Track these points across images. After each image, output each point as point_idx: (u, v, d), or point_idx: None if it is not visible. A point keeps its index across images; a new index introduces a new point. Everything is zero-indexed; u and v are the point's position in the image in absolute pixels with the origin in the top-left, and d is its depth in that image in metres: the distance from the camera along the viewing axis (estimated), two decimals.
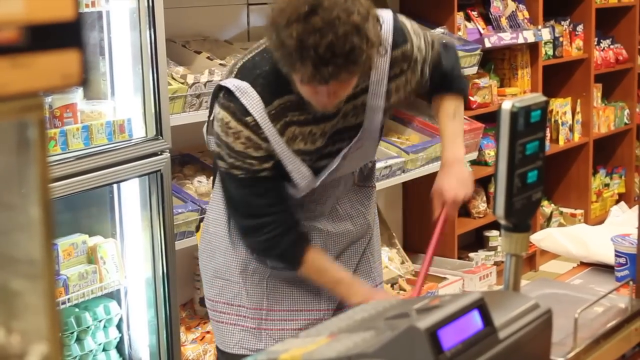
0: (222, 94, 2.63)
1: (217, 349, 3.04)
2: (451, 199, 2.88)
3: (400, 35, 2.77)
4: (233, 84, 2.60)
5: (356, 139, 2.80)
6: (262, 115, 2.59)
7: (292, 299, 2.92)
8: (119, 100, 3.61)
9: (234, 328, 2.94)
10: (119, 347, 3.80)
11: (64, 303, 3.42)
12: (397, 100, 2.88)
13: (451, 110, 2.99)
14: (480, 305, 1.47)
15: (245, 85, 2.59)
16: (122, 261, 3.69)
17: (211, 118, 2.76)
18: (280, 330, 2.92)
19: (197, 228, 3.88)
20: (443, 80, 2.96)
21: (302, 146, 2.70)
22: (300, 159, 2.71)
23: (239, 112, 2.59)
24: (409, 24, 2.84)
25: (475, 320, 1.45)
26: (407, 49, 2.79)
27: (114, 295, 3.77)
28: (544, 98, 1.70)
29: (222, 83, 2.64)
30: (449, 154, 2.95)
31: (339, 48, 2.36)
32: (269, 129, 2.61)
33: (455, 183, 2.89)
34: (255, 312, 2.91)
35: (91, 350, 3.64)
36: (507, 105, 1.62)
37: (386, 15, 2.77)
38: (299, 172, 2.72)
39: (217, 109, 2.65)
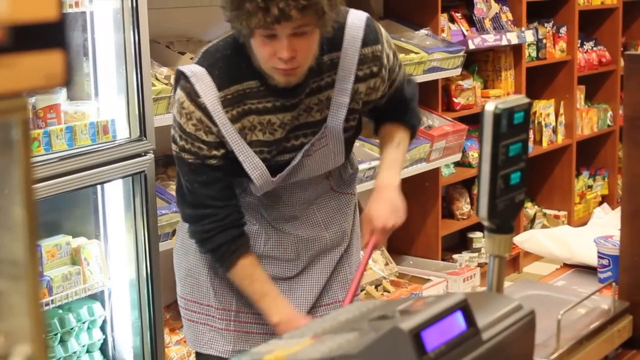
0: (182, 77, 2.64)
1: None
2: (380, 226, 2.83)
3: (372, 34, 2.75)
4: (190, 69, 2.63)
5: (319, 135, 2.76)
6: (213, 102, 2.60)
7: None
8: (102, 101, 3.60)
9: (204, 327, 2.93)
10: (103, 349, 3.80)
11: (47, 304, 3.41)
12: (365, 106, 2.85)
13: (397, 140, 2.95)
14: (464, 307, 1.47)
15: (201, 70, 2.61)
16: (106, 262, 3.68)
17: None
18: (247, 333, 2.89)
19: None
20: (400, 106, 2.94)
21: (260, 136, 2.68)
22: (258, 150, 2.69)
23: (194, 93, 2.61)
24: (384, 33, 2.82)
25: (458, 322, 1.45)
26: (378, 50, 2.76)
27: (98, 297, 3.76)
28: (527, 100, 1.71)
29: (181, 68, 2.66)
30: (384, 178, 2.91)
31: None
32: (220, 116, 2.62)
33: (386, 210, 2.84)
34: (224, 312, 2.89)
35: (75, 352, 3.63)
36: (490, 107, 1.62)
37: (361, 14, 2.76)
38: (252, 162, 2.69)
39: (177, 90, 2.67)
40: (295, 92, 2.68)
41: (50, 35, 0.92)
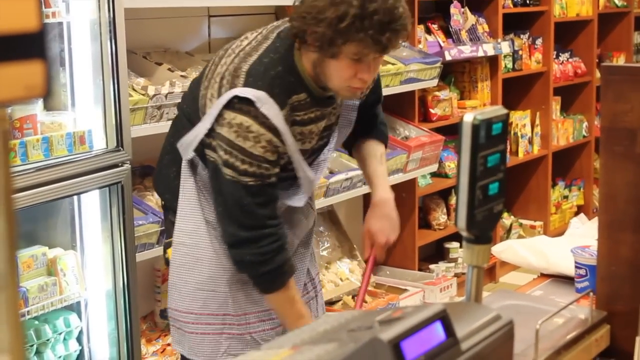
0: (237, 101, 2.63)
1: None
2: (383, 241, 2.98)
3: None
4: (252, 94, 2.61)
5: (333, 136, 2.94)
6: (281, 122, 2.63)
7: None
8: (79, 111, 3.59)
9: (220, 337, 2.93)
10: None
11: (23, 315, 3.39)
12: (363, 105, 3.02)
13: (379, 154, 3.10)
14: (443, 317, 1.47)
15: (262, 94, 2.61)
16: (83, 273, 3.66)
17: (211, 127, 2.70)
18: (262, 332, 2.93)
19: (158, 240, 3.87)
20: (375, 116, 3.11)
21: (300, 146, 2.76)
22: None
23: (262, 116, 2.61)
24: None
25: (438, 332, 1.45)
26: None
27: (74, 308, 3.74)
28: (505, 111, 1.71)
29: (242, 93, 2.62)
30: (381, 193, 3.03)
31: (395, 14, 2.52)
32: (287, 135, 2.66)
33: (387, 225, 2.99)
34: (241, 317, 2.91)
35: None
36: (468, 117, 1.63)
37: None
38: (305, 174, 2.80)
39: (231, 114, 2.63)
40: (332, 100, 2.80)
41: (30, 45, 0.91)
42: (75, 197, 3.62)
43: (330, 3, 2.53)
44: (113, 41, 3.48)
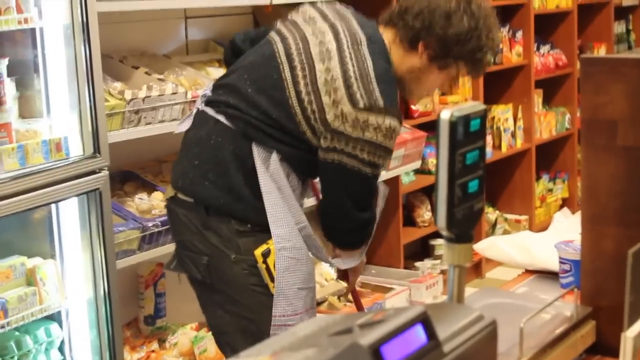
0: (394, 110, 2.93)
1: None
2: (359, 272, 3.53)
3: None
4: (393, 98, 2.95)
5: None
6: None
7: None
8: (55, 118, 3.55)
9: None
10: None
11: (3, 327, 3.35)
12: None
13: None
14: (424, 319, 1.44)
15: (395, 96, 2.99)
16: (63, 282, 3.62)
17: (337, 131, 2.90)
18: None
19: (139, 247, 3.83)
20: None
21: None
22: None
23: (399, 117, 2.96)
24: None
25: (419, 335, 1.42)
26: None
27: (55, 317, 3.71)
28: (483, 106, 1.68)
29: (386, 104, 2.89)
30: None
31: None
32: None
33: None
34: (315, 309, 3.12)
35: None
36: (445, 114, 1.60)
37: None
38: None
39: (382, 119, 2.89)
40: None
41: None
42: (53, 205, 3.58)
43: (471, 30, 2.97)
44: (87, 45, 3.44)
